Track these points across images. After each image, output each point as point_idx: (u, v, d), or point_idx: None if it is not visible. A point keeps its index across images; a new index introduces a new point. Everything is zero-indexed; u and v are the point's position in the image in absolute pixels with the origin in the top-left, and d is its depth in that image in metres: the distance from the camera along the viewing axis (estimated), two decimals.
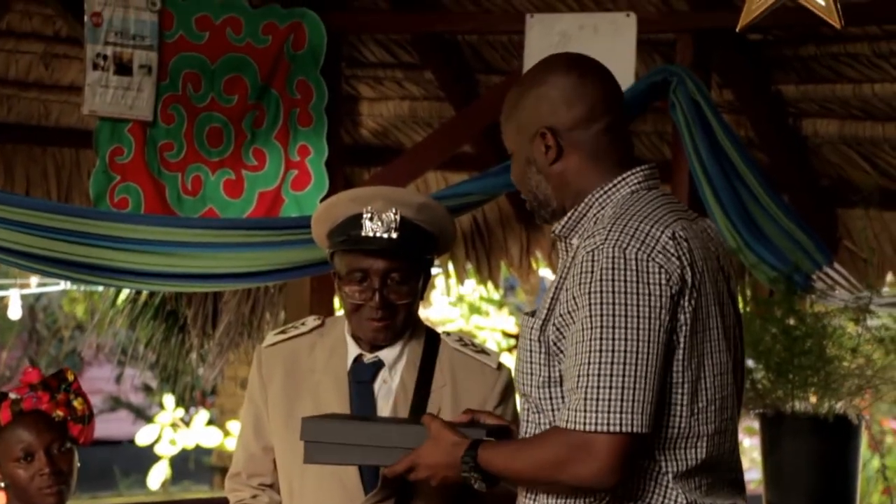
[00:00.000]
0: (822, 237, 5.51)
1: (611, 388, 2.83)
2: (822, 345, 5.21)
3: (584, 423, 2.84)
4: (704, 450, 2.96)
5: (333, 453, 3.27)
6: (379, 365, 3.54)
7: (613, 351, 2.84)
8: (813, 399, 5.26)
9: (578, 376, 2.86)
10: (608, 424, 2.83)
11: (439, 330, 3.67)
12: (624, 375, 2.83)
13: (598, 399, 2.84)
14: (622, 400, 2.83)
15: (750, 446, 13.56)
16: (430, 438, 3.12)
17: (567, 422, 2.88)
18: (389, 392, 3.53)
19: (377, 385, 3.54)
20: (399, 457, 3.16)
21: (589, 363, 2.85)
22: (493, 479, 3.04)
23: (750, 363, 5.30)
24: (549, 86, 3.07)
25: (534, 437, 3.00)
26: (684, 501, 2.94)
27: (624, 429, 2.83)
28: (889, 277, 6.19)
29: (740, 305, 5.76)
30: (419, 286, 3.53)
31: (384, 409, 3.51)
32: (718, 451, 3.00)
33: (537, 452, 2.95)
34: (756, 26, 4.99)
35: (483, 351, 3.63)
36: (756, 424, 5.49)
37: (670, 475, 2.94)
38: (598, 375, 2.84)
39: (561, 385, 2.97)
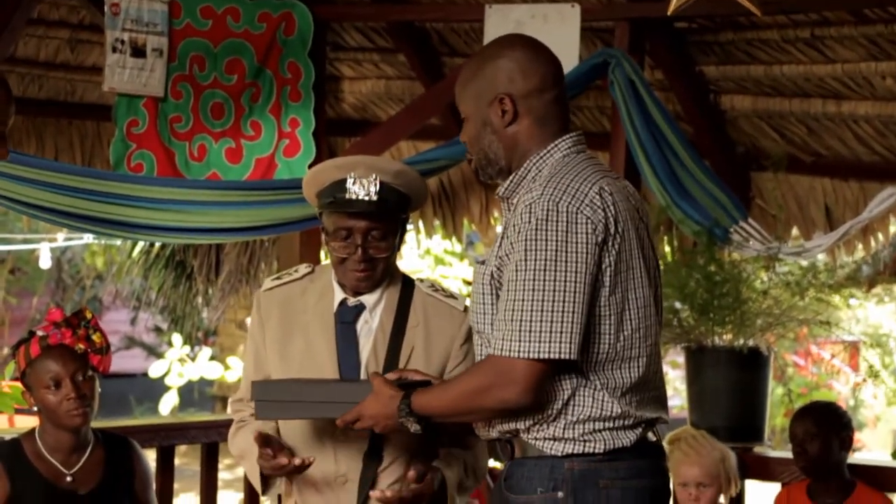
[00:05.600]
0: (738, 196, 5.53)
1: (531, 321, 2.88)
2: (738, 288, 5.24)
3: (510, 351, 2.90)
4: (634, 370, 3.01)
5: (282, 410, 3.30)
6: (361, 308, 3.51)
7: (542, 290, 2.88)
8: (729, 336, 5.28)
9: (506, 310, 2.92)
10: (529, 352, 2.88)
11: (413, 277, 3.65)
12: (545, 311, 2.87)
13: (520, 330, 2.89)
14: (541, 331, 2.87)
15: (673, 377, 13.66)
16: (373, 393, 3.14)
17: (495, 349, 2.93)
18: (370, 331, 3.50)
19: (359, 325, 3.50)
20: (341, 411, 3.17)
21: (517, 299, 2.90)
22: (428, 422, 3.08)
23: (676, 304, 5.32)
24: (508, 59, 3.08)
25: (464, 371, 3.06)
26: (619, 411, 2.98)
27: (542, 355, 2.88)
28: (794, 231, 6.21)
29: (669, 256, 5.81)
30: (396, 241, 3.50)
31: (365, 346, 3.47)
32: (646, 372, 3.04)
33: (464, 383, 3.01)
34: (682, 16, 5.01)
35: (452, 295, 3.60)
36: (679, 358, 5.52)
37: (606, 392, 2.98)
38: (523, 310, 2.88)
39: None
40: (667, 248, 5.85)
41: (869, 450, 14.92)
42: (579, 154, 3.07)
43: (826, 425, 4.71)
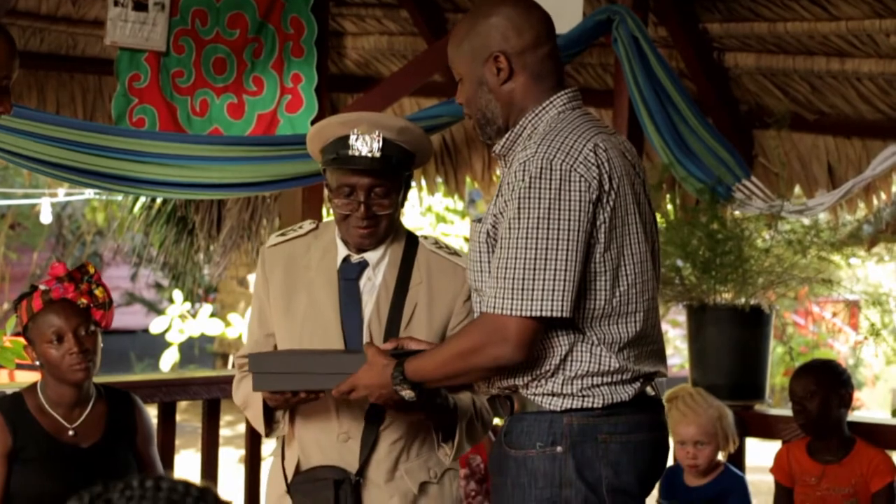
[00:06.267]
0: (741, 154, 5.52)
1: (524, 278, 2.89)
2: (740, 246, 5.23)
3: (502, 308, 2.91)
4: (631, 325, 3.03)
5: (279, 381, 3.30)
6: (364, 265, 3.50)
7: (534, 248, 2.89)
8: (731, 294, 5.28)
9: (499, 267, 2.93)
10: (521, 309, 2.89)
11: (417, 235, 3.64)
12: (537, 269, 2.89)
13: (512, 287, 2.90)
14: (533, 289, 2.89)
15: (673, 336, 13.67)
16: (367, 363, 3.16)
17: (487, 307, 2.95)
18: (373, 288, 3.49)
19: (363, 282, 3.49)
20: (337, 381, 3.19)
21: (509, 257, 2.91)
22: (423, 388, 3.09)
23: (678, 262, 5.32)
24: (500, 16, 3.08)
25: (456, 332, 3.07)
26: (617, 366, 3.01)
27: (534, 313, 2.89)
28: (797, 189, 6.20)
29: (671, 213, 5.79)
30: (399, 198, 3.49)
31: (368, 303, 3.47)
32: (643, 327, 3.06)
33: (457, 343, 3.03)
34: None
35: (455, 252, 3.58)
36: (680, 317, 5.52)
37: (603, 347, 3.00)
38: (515, 268, 2.90)
39: None
40: (669, 206, 5.85)
41: (868, 409, 14.97)
42: (575, 110, 3.07)
43: (825, 383, 4.72)
